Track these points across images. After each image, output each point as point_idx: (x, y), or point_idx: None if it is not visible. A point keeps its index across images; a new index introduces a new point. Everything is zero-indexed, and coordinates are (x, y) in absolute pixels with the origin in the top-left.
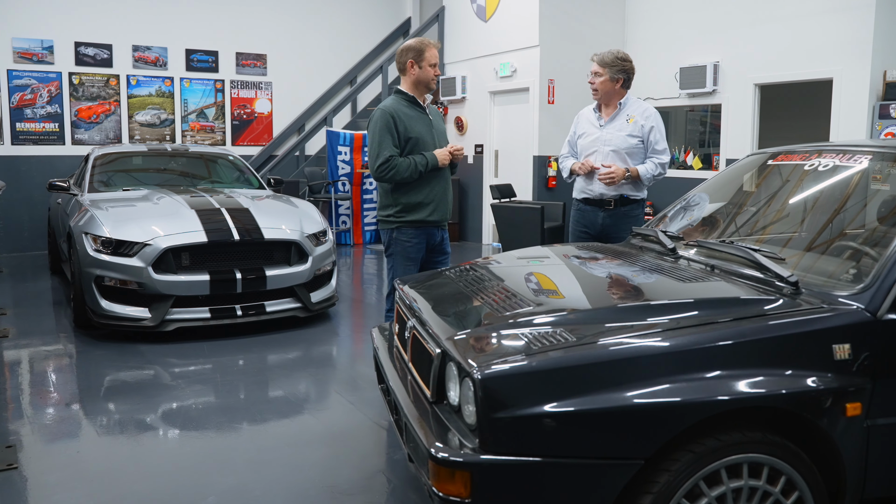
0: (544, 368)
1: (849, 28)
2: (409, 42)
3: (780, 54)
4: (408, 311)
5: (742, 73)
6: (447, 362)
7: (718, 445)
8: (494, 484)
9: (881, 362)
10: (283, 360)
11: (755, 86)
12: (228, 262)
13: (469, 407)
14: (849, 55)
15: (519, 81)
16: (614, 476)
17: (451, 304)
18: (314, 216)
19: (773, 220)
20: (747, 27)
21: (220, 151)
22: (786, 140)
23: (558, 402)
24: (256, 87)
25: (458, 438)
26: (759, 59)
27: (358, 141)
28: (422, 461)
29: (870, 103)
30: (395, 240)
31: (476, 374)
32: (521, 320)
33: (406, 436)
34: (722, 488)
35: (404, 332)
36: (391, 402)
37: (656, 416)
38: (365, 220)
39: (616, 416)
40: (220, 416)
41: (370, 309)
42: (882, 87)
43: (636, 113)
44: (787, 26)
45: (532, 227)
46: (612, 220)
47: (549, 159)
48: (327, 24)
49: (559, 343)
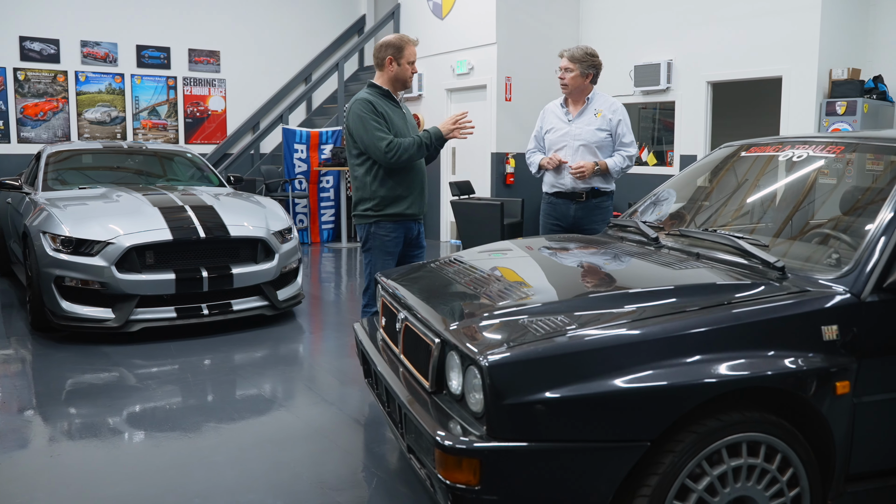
0: (551, 354)
1: (796, 28)
2: (388, 38)
3: (731, 53)
4: (397, 303)
5: (695, 71)
6: (448, 352)
7: (719, 426)
8: (504, 470)
9: (865, 342)
10: (253, 358)
11: (707, 83)
12: (194, 260)
13: (475, 395)
14: (797, 54)
15: (476, 79)
16: (622, 458)
17: (444, 295)
18: (279, 213)
19: (751, 209)
20: (700, 26)
21: (177, 149)
22: (737, 136)
23: (566, 387)
24: (210, 85)
25: (463, 427)
26: (712, 58)
27: (314, 139)
28: (426, 451)
29: (817, 100)
30: (373, 234)
31: (483, 361)
32: (522, 308)
33: (405, 427)
34: (723, 467)
35: (394, 324)
36: (381, 394)
37: (662, 398)
38: (322, 218)
39: (623, 400)
40: (196, 416)
41: (335, 306)
42: (828, 85)
43: (604, 107)
44: (738, 26)
45: (492, 223)
46: (584, 212)
47: (507, 156)
48: (281, 21)
49: (563, 329)
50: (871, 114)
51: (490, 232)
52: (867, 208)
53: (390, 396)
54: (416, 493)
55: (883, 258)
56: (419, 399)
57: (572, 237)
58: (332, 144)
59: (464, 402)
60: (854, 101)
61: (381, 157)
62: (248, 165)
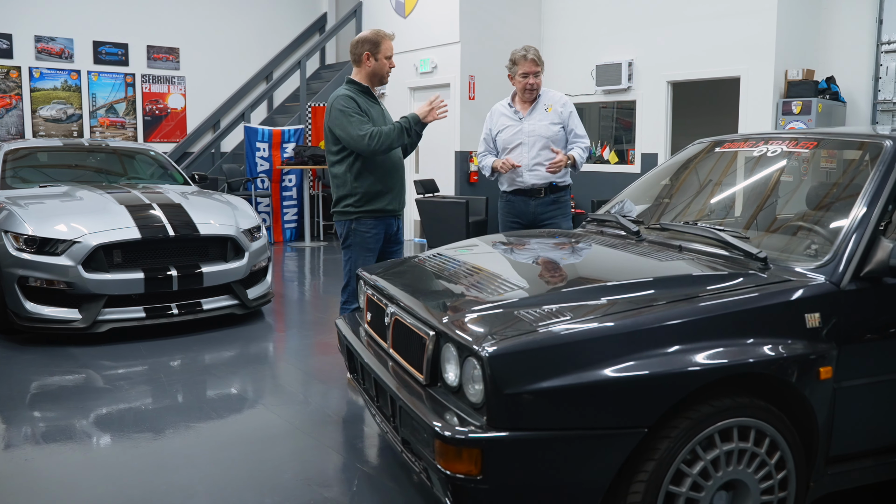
0: (551, 344)
1: (754, 29)
2: (365, 33)
3: (691, 53)
4: (385, 298)
5: (655, 70)
6: (443, 344)
7: (712, 411)
8: (505, 459)
9: (844, 329)
10: (225, 357)
11: (668, 83)
12: (163, 259)
13: (475, 386)
14: (754, 55)
15: (440, 77)
16: (621, 444)
17: (435, 289)
18: (248, 211)
19: (728, 203)
20: (660, 27)
21: (140, 146)
22: (697, 135)
23: (565, 376)
24: (169, 82)
25: (461, 418)
26: (672, 58)
27: (276, 137)
28: (424, 443)
29: (774, 100)
30: (353, 231)
31: (483, 352)
32: (516, 300)
33: (400, 420)
34: (716, 451)
35: (382, 319)
36: (369, 389)
37: (660, 384)
38: (285, 217)
39: (621, 387)
40: (172, 416)
41: (303, 305)
42: (784, 85)
43: (553, 102)
44: (697, 27)
45: (457, 221)
46: (543, 207)
47: (471, 154)
48: (242, 19)
49: (561, 319)
50: (825, 113)
51: (455, 230)
52: (842, 201)
53: (381, 391)
54: (402, 487)
55: (860, 248)
56: (414, 392)
57: (556, 232)
58: (295, 143)
59: (461, 393)
60: (809, 100)
61: (363, 146)
62: (209, 164)
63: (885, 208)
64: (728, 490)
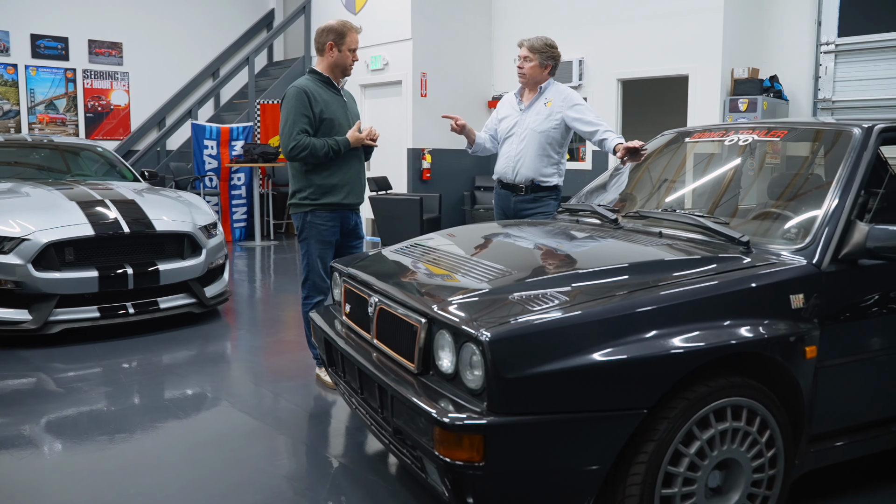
0: (550, 328)
1: (701, 28)
2: (330, 23)
3: (640, 51)
4: (367, 288)
5: (606, 68)
6: (436, 331)
7: (708, 391)
8: (508, 445)
9: (825, 309)
10: (186, 357)
11: (618, 81)
12: (118, 256)
13: (474, 371)
14: (702, 53)
15: (391, 74)
16: (621, 426)
17: (421, 277)
18: (204, 208)
19: (702, 192)
20: (610, 26)
21: (86, 143)
22: (648, 132)
23: (565, 359)
24: (112, 78)
25: (458, 405)
26: (622, 56)
27: (225, 135)
28: (421, 431)
29: (721, 98)
30: (309, 223)
31: (484, 337)
32: (509, 286)
33: (393, 410)
34: (711, 431)
35: (364, 310)
36: (351, 381)
37: (659, 365)
38: (234, 216)
39: (621, 369)
40: (137, 417)
41: (259, 303)
42: (731, 83)
43: (554, 96)
44: (646, 26)
45: (411, 218)
46: (524, 204)
47: (423, 151)
48: (187, 14)
49: (558, 303)
50: (770, 111)
51: (409, 227)
52: (817, 187)
53: (367, 382)
54: (384, 480)
55: (838, 230)
56: (406, 381)
57: (534, 221)
58: (244, 140)
59: (457, 380)
60: (755, 98)
61: (286, 151)
62: (155, 162)
63: (859, 192)
64: (721, 470)
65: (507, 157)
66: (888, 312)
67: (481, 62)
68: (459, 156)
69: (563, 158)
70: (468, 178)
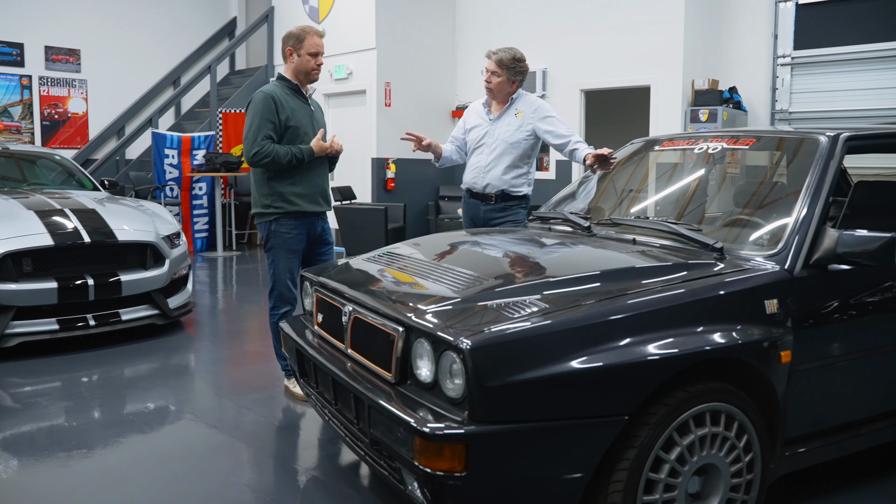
0: (531, 335)
1: (663, 40)
2: (291, 29)
3: (603, 62)
4: (341, 297)
5: (569, 79)
6: (414, 340)
7: (687, 397)
8: (490, 453)
9: (798, 313)
10: (149, 369)
11: (581, 91)
12: (78, 267)
13: (454, 380)
14: (663, 64)
15: (355, 84)
16: (603, 433)
17: (396, 286)
18: (167, 217)
19: (673, 199)
20: (573, 37)
21: (43, 151)
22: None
23: (546, 366)
24: (70, 85)
25: (438, 414)
26: (585, 67)
27: (186, 144)
28: (400, 442)
29: (682, 108)
30: (274, 232)
31: (464, 344)
32: (487, 293)
33: (370, 420)
34: (691, 437)
35: (338, 319)
36: (325, 392)
37: (640, 371)
38: (195, 226)
39: (602, 375)
40: (100, 432)
41: (223, 314)
42: (691, 94)
43: (525, 107)
44: (609, 37)
45: (376, 228)
46: (493, 213)
47: (388, 161)
48: (147, 21)
49: (536, 311)
50: (730, 121)
51: (374, 237)
52: (787, 194)
53: (342, 392)
54: (359, 493)
55: (809, 236)
56: (383, 391)
57: (506, 229)
58: (206, 150)
59: (436, 389)
60: (715, 109)
61: (247, 155)
62: (114, 171)
63: (827, 199)
64: (700, 475)
65: (477, 166)
66: (858, 316)
67: (445, 72)
68: (424, 166)
69: (533, 168)
70: (433, 188)
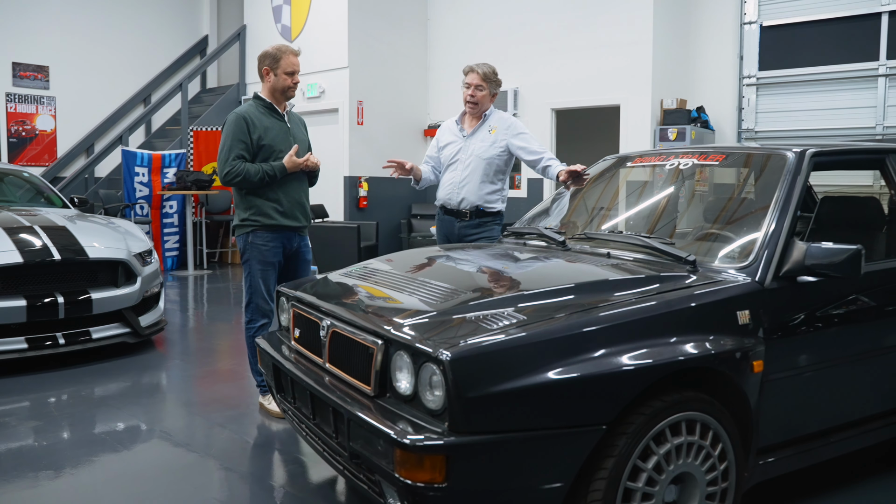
0: (510, 346)
1: (632, 60)
2: (267, 48)
3: (574, 82)
4: (318, 312)
5: (540, 98)
6: (393, 353)
7: (663, 406)
8: (470, 464)
9: (769, 324)
10: (121, 388)
11: (552, 110)
12: (48, 284)
13: (434, 392)
14: (633, 84)
15: (327, 102)
16: (582, 442)
17: (374, 300)
18: (138, 235)
19: (646, 214)
20: (544, 57)
21: (11, 168)
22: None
23: (525, 377)
24: (38, 102)
25: (418, 426)
26: (556, 87)
27: (157, 162)
28: (381, 454)
29: (651, 127)
30: (250, 244)
31: (444, 356)
32: (465, 306)
33: (349, 434)
34: (667, 446)
35: (315, 333)
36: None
37: (618, 381)
38: (166, 245)
39: (580, 385)
40: (71, 451)
41: (194, 333)
42: (660, 113)
43: (498, 124)
44: (580, 57)
45: (348, 246)
46: (468, 230)
47: (360, 179)
48: (117, 38)
49: (515, 322)
50: (698, 140)
51: (347, 255)
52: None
53: (321, 406)
54: None
55: (778, 248)
56: (362, 405)
57: (482, 245)
58: (177, 167)
59: (416, 401)
60: (683, 128)
61: (221, 176)
62: (83, 189)
63: (795, 213)
64: (677, 484)
65: (451, 183)
66: (826, 326)
67: (417, 91)
68: (396, 184)
69: (506, 185)
70: (405, 206)
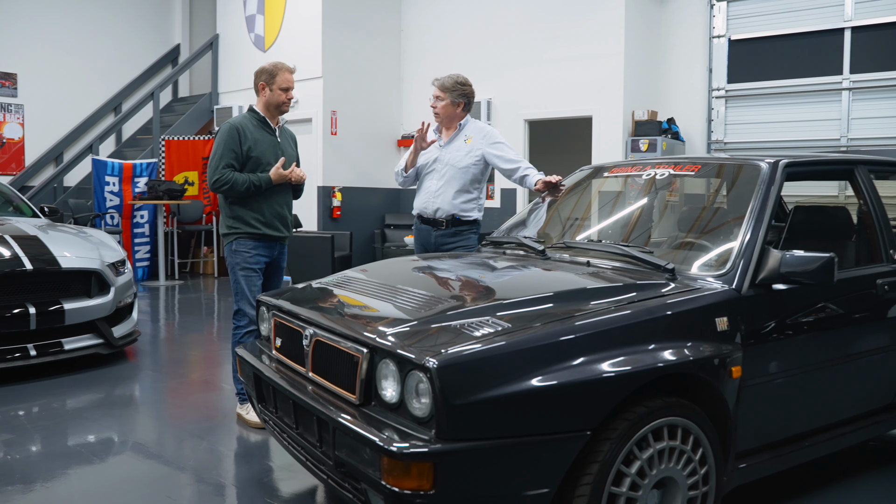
0: (496, 353)
1: (604, 72)
2: (264, 64)
3: (547, 93)
4: (300, 321)
5: (513, 109)
6: (378, 361)
7: (646, 412)
8: (457, 471)
9: (746, 331)
10: (94, 400)
11: (525, 121)
12: (19, 295)
13: (421, 399)
14: (605, 96)
15: (301, 112)
16: (567, 448)
17: (358, 308)
18: (111, 244)
19: (624, 223)
20: (517, 68)
21: None
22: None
23: (510, 384)
24: (5, 110)
25: (404, 433)
26: (529, 98)
27: (128, 171)
28: (367, 462)
29: (623, 138)
30: (235, 251)
31: (431, 364)
32: (449, 314)
33: (335, 442)
34: (650, 451)
35: (298, 343)
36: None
37: (602, 387)
38: (136, 255)
39: (565, 392)
40: (46, 464)
41: (168, 344)
42: (632, 125)
43: (474, 133)
44: (552, 69)
45: (322, 256)
46: (444, 238)
47: (334, 189)
48: (87, 46)
49: (500, 330)
50: (669, 151)
51: (320, 265)
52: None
53: (305, 416)
54: None
55: (754, 256)
56: (348, 413)
57: (461, 253)
58: (148, 177)
59: (402, 409)
60: (654, 139)
61: (210, 183)
62: (51, 199)
63: (770, 221)
64: (659, 488)
65: (428, 192)
66: (801, 332)
67: (391, 101)
68: (369, 194)
69: (483, 194)
70: (378, 216)
